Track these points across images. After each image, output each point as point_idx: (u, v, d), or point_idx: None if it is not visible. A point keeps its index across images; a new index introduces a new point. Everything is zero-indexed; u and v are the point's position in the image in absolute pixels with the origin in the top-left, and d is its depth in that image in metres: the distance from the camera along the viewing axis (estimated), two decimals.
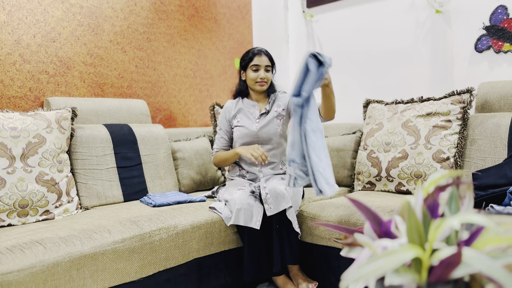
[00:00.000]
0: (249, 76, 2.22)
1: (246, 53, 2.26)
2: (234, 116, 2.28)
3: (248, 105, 2.28)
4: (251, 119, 2.24)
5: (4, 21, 2.13)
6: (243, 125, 2.23)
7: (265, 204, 1.90)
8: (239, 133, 2.23)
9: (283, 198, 1.90)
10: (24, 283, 1.29)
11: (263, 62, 2.20)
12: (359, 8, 3.09)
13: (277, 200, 1.89)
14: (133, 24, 2.73)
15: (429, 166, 2.13)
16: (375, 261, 0.55)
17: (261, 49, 2.24)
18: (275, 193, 1.90)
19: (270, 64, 2.23)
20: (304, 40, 3.43)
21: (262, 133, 2.20)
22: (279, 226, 1.92)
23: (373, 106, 2.54)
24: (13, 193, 1.70)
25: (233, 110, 2.29)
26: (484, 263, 0.52)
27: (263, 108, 2.26)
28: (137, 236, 1.63)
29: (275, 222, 1.91)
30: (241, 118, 2.26)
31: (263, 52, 2.22)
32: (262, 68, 2.20)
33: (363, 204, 0.67)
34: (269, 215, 1.91)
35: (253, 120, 2.24)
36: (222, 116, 2.32)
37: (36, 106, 2.26)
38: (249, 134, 2.21)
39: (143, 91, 2.80)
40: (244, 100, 2.31)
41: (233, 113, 2.28)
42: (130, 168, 2.26)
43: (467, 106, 2.19)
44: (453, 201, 0.65)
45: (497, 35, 2.43)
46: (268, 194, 1.91)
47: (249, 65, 2.22)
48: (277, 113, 2.23)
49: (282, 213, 1.91)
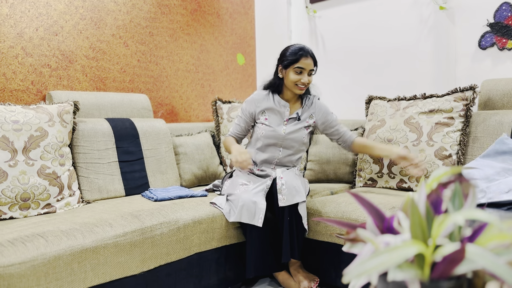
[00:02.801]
0: (290, 77, 2.05)
1: (291, 52, 2.06)
2: (262, 112, 2.14)
3: (279, 105, 2.13)
4: (279, 121, 2.13)
5: (7, 14, 2.12)
6: (270, 125, 2.12)
7: (279, 194, 1.89)
8: (265, 132, 2.11)
9: (298, 191, 1.89)
10: (25, 275, 1.29)
11: (308, 66, 2.04)
12: (363, 4, 3.08)
13: (291, 193, 1.88)
14: (135, 18, 2.73)
15: (431, 163, 2.13)
16: (378, 257, 0.55)
17: (308, 50, 2.05)
18: (291, 185, 1.89)
19: (314, 68, 2.08)
20: (307, 36, 3.42)
21: (288, 138, 2.12)
22: (290, 219, 1.91)
23: (375, 103, 2.53)
24: (15, 186, 1.71)
25: (262, 104, 2.14)
26: (487, 260, 0.52)
27: (295, 113, 2.14)
28: (138, 230, 1.63)
29: (287, 213, 1.90)
30: (269, 117, 2.13)
31: (309, 54, 2.04)
32: (306, 72, 2.05)
33: (366, 199, 0.66)
34: (280, 206, 1.89)
35: (281, 122, 2.13)
36: (247, 105, 2.17)
37: (38, 99, 2.26)
38: (275, 136, 2.11)
39: (145, 86, 2.80)
40: (275, 97, 2.14)
41: (263, 108, 2.14)
42: (131, 162, 2.26)
43: (470, 103, 2.18)
44: (457, 197, 0.65)
45: (501, 32, 2.42)
46: (284, 185, 1.90)
47: (292, 65, 2.04)
48: (307, 124, 2.15)
49: (294, 206, 1.91)
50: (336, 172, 2.60)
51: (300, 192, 1.90)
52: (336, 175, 2.60)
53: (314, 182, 2.67)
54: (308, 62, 2.03)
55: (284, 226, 1.90)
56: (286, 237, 1.90)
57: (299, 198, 1.88)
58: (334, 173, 2.60)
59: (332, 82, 3.28)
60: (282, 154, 2.14)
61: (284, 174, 1.97)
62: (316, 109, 2.18)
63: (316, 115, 2.17)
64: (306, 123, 2.15)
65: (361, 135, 2.55)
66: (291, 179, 1.93)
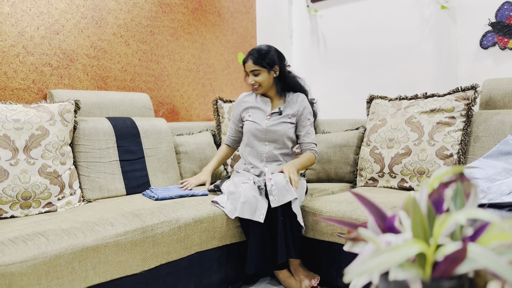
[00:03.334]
0: (247, 81, 2.25)
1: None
2: (245, 110, 2.29)
3: (261, 102, 2.27)
4: (263, 116, 2.24)
5: (8, 13, 2.13)
6: (254, 120, 2.24)
7: (270, 196, 1.90)
8: (249, 127, 2.24)
9: (288, 190, 1.89)
10: (26, 274, 1.29)
11: (249, 68, 2.19)
12: (364, 3, 3.07)
13: (282, 192, 1.89)
14: (136, 17, 2.72)
15: (432, 163, 2.13)
16: (379, 256, 0.55)
17: (249, 53, 2.21)
18: (281, 185, 1.90)
19: (256, 68, 2.17)
20: (308, 35, 3.42)
21: (271, 131, 2.20)
22: (284, 218, 1.91)
23: (376, 102, 2.53)
24: (16, 185, 1.71)
25: (245, 104, 2.30)
26: (489, 259, 0.52)
27: (277, 108, 2.24)
28: (139, 229, 1.63)
29: (280, 214, 1.91)
30: (253, 113, 2.26)
31: (250, 56, 2.19)
32: (250, 73, 2.20)
33: (367, 198, 0.66)
34: (274, 207, 1.91)
35: (263, 117, 2.24)
36: (234, 108, 2.36)
37: (39, 98, 2.26)
38: (259, 129, 2.21)
39: (146, 85, 2.80)
40: (258, 96, 2.30)
41: (245, 106, 2.29)
42: (132, 161, 2.26)
43: (471, 103, 2.18)
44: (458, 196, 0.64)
45: (503, 32, 2.41)
46: (274, 186, 1.91)
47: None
48: (290, 120, 2.22)
49: (287, 206, 1.91)
50: (337, 171, 2.60)
51: (290, 190, 1.90)
52: (337, 174, 2.60)
53: (315, 181, 2.67)
54: (248, 64, 2.19)
55: (278, 226, 1.91)
56: (280, 238, 1.91)
57: (290, 197, 1.89)
58: (335, 173, 2.60)
59: (333, 82, 3.28)
60: (268, 148, 2.21)
61: (274, 175, 1.97)
62: (300, 108, 2.24)
63: (295, 106, 2.24)
64: (289, 119, 2.21)
65: (362, 133, 2.55)
66: (280, 179, 1.93)
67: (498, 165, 1.85)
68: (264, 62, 2.16)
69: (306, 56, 3.45)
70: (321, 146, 2.68)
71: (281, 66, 2.22)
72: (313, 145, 2.23)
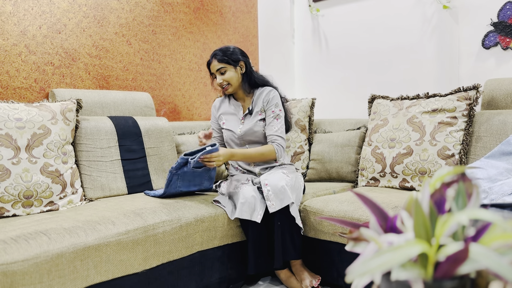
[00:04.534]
0: (214, 85, 2.23)
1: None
2: (220, 117, 2.29)
3: (232, 107, 2.27)
4: (235, 121, 2.23)
5: (10, 12, 2.13)
6: (228, 128, 2.24)
7: (267, 201, 1.90)
8: (226, 136, 2.26)
9: (284, 194, 1.89)
10: (28, 273, 1.29)
11: (214, 68, 2.16)
12: (366, 3, 3.07)
13: (278, 197, 1.89)
14: (138, 16, 2.73)
15: (434, 163, 2.12)
16: (381, 256, 0.55)
17: (213, 54, 2.17)
18: (277, 189, 1.89)
19: (222, 65, 2.14)
20: (310, 35, 3.42)
21: (246, 135, 2.19)
22: (281, 223, 1.91)
23: (378, 102, 2.53)
24: (18, 184, 1.71)
25: (219, 110, 2.31)
26: (491, 259, 0.52)
27: (247, 108, 2.23)
28: (141, 228, 1.63)
29: (277, 219, 1.91)
30: (226, 120, 2.26)
31: (214, 56, 2.16)
32: (216, 73, 2.17)
33: (369, 198, 0.66)
34: (272, 212, 1.90)
35: (237, 122, 2.22)
36: (211, 116, 2.35)
37: (41, 97, 2.26)
38: (235, 136, 2.22)
39: (148, 84, 2.80)
40: (231, 99, 2.29)
41: (219, 114, 2.30)
42: (134, 160, 2.26)
43: (473, 103, 2.18)
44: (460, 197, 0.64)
45: (505, 32, 2.41)
46: (270, 191, 1.90)
47: (211, 74, 2.22)
48: (261, 116, 2.19)
49: (284, 209, 1.91)
50: (338, 171, 2.59)
51: (287, 194, 1.88)
52: (339, 174, 2.60)
53: (316, 181, 2.67)
54: (212, 64, 2.16)
55: (275, 231, 1.91)
56: (277, 243, 1.90)
57: (287, 201, 1.88)
58: (337, 172, 2.60)
59: (335, 81, 3.28)
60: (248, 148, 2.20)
61: (269, 180, 1.95)
62: (264, 102, 2.19)
63: (264, 107, 2.20)
64: (259, 116, 2.19)
65: (364, 133, 2.55)
66: (275, 183, 1.91)
67: (500, 166, 1.85)
68: (229, 59, 2.15)
69: (308, 56, 3.45)
70: (322, 145, 2.67)
71: (246, 62, 2.20)
72: (275, 137, 2.12)
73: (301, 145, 2.71)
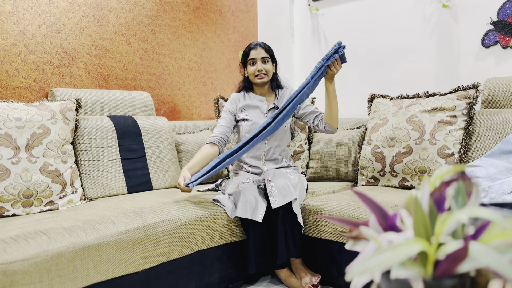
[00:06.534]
0: (249, 71, 2.21)
1: (244, 51, 2.26)
2: (241, 109, 2.25)
3: (256, 100, 2.26)
4: (259, 114, 2.23)
5: (9, 11, 2.13)
6: (252, 119, 2.21)
7: (270, 197, 1.90)
8: (247, 127, 2.21)
9: (288, 190, 1.90)
10: (28, 272, 1.29)
11: (259, 55, 2.18)
12: (365, 2, 3.07)
13: (282, 193, 1.89)
14: (138, 15, 2.72)
15: (434, 162, 2.13)
16: (381, 254, 0.55)
17: (257, 43, 2.23)
18: (280, 185, 1.90)
19: (267, 55, 2.20)
20: (309, 34, 3.41)
21: None
22: (284, 219, 1.92)
23: (378, 101, 2.53)
24: (18, 183, 1.71)
25: (241, 102, 2.27)
26: (491, 258, 0.52)
27: (272, 104, 2.25)
28: (140, 228, 1.63)
29: (280, 214, 1.91)
30: (249, 112, 2.24)
31: (259, 44, 2.21)
32: (259, 60, 2.18)
33: (369, 197, 0.66)
34: (274, 208, 1.91)
35: (261, 115, 2.23)
36: (230, 104, 2.25)
37: (40, 97, 2.26)
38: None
39: (148, 83, 2.80)
40: (250, 94, 2.29)
41: (241, 105, 2.25)
42: (134, 160, 2.26)
43: (473, 102, 2.18)
44: (460, 195, 0.64)
45: (505, 30, 2.40)
46: (274, 187, 1.91)
47: (247, 60, 2.22)
48: None
49: (287, 206, 1.91)
50: (338, 170, 2.59)
51: (290, 191, 1.90)
52: (338, 173, 2.60)
53: (316, 180, 2.67)
54: (257, 51, 2.19)
55: (278, 227, 1.91)
56: (281, 238, 1.91)
57: (290, 197, 1.89)
58: (336, 172, 2.60)
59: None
60: (268, 146, 2.20)
61: (273, 176, 1.98)
62: (285, 96, 2.28)
63: (285, 99, 2.24)
64: None
65: (363, 132, 2.55)
66: (279, 179, 1.94)
67: (500, 164, 1.85)
68: (272, 54, 2.25)
69: (308, 55, 3.44)
70: (322, 144, 2.67)
71: (276, 64, 2.30)
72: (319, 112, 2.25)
73: (300, 144, 2.71)
